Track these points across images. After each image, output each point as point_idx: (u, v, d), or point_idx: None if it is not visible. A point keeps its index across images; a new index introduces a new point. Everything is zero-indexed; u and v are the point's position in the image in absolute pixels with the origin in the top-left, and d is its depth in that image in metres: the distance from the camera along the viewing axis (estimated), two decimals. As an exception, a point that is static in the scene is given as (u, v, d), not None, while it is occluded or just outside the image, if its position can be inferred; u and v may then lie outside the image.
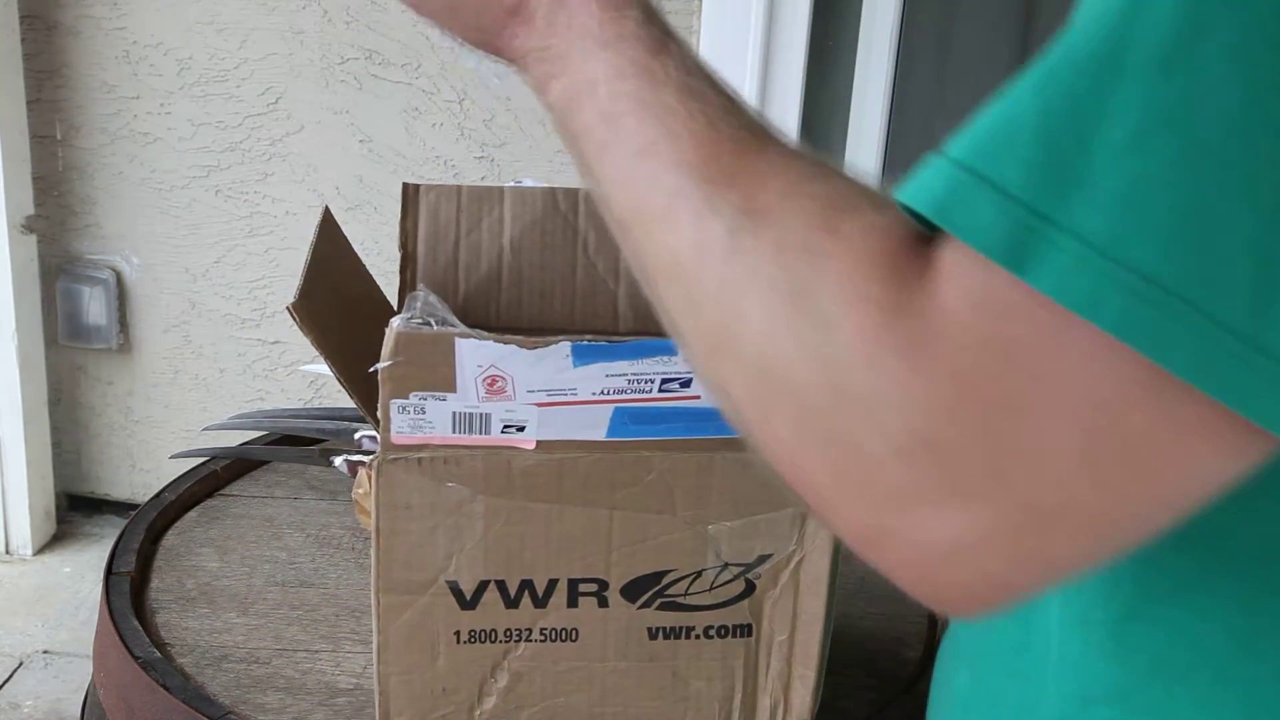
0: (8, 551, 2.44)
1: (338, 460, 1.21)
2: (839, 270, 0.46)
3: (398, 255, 0.95)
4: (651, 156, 0.53)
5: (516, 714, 0.87)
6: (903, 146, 2.30)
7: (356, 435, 1.24)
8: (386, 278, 2.02)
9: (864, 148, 2.22)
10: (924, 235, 0.45)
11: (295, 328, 0.82)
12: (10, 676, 2.14)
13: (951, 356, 0.43)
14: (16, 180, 2.28)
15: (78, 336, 2.43)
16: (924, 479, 0.44)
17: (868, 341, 0.44)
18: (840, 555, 0.86)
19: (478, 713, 0.86)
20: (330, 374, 0.86)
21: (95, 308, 2.40)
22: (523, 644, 0.85)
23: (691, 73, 0.55)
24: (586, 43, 0.57)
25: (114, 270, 2.39)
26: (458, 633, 0.84)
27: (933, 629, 1.06)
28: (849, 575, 1.13)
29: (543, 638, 0.85)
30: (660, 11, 0.59)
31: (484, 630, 0.84)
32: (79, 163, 2.34)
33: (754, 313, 0.48)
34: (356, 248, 1.02)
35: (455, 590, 0.83)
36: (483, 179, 2.23)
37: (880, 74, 2.17)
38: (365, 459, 1.21)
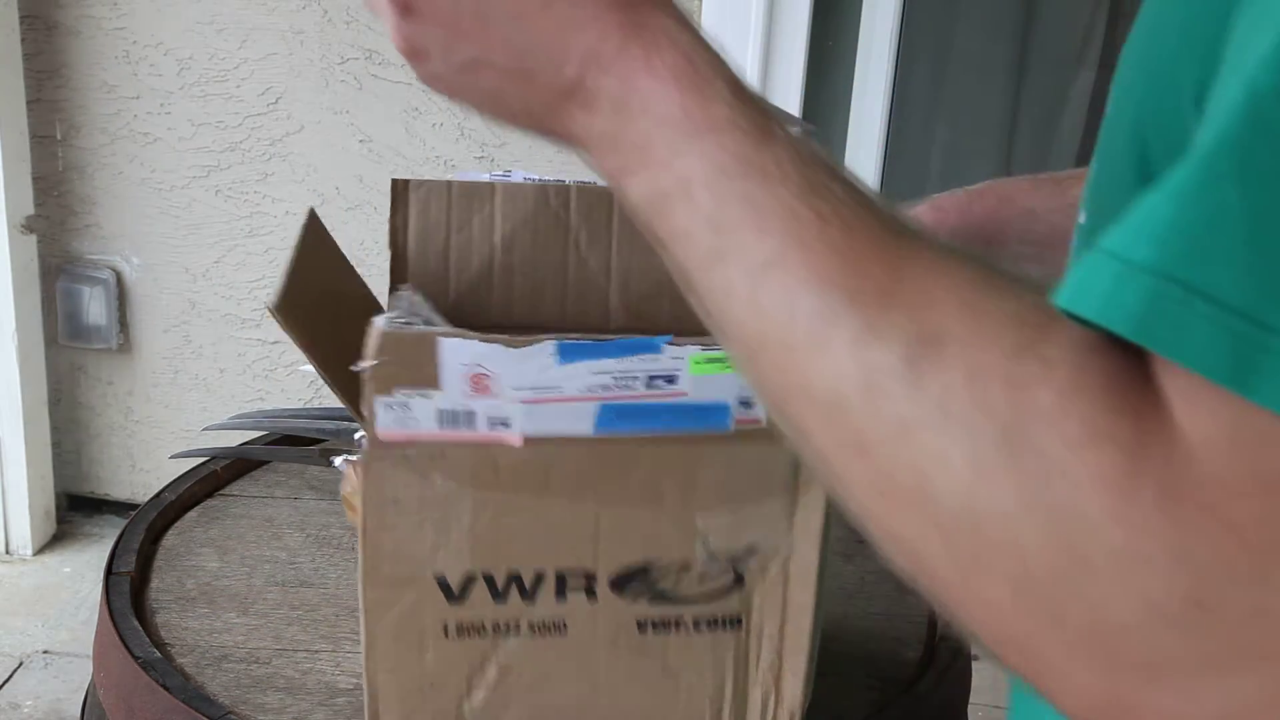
0: (8, 551, 2.44)
1: (338, 460, 1.21)
2: (1056, 404, 0.39)
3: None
4: (780, 272, 0.46)
5: (505, 708, 0.87)
6: (903, 146, 2.30)
7: (356, 435, 1.24)
8: (386, 277, 2.02)
9: (864, 148, 2.22)
10: (1126, 349, 0.40)
11: (289, 327, 0.82)
12: (10, 676, 2.14)
13: (1218, 503, 0.37)
14: (16, 180, 2.28)
15: (78, 336, 2.43)
16: (1193, 646, 0.38)
17: (1113, 491, 0.38)
18: (829, 548, 0.86)
19: (466, 707, 0.86)
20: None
21: (95, 308, 2.40)
22: (511, 637, 0.85)
23: (806, 162, 0.48)
24: (670, 134, 0.49)
25: (114, 270, 2.39)
26: (445, 626, 0.84)
27: (933, 629, 1.06)
28: (849, 575, 1.13)
29: (531, 631, 0.85)
30: (747, 83, 0.51)
31: (472, 624, 0.84)
32: (79, 163, 2.34)
33: (952, 459, 0.41)
34: (356, 248, 1.03)
35: (443, 584, 0.83)
36: (483, 179, 2.23)
37: (880, 74, 2.17)
38: (365, 459, 1.21)
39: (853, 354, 0.43)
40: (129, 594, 1.04)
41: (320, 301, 0.90)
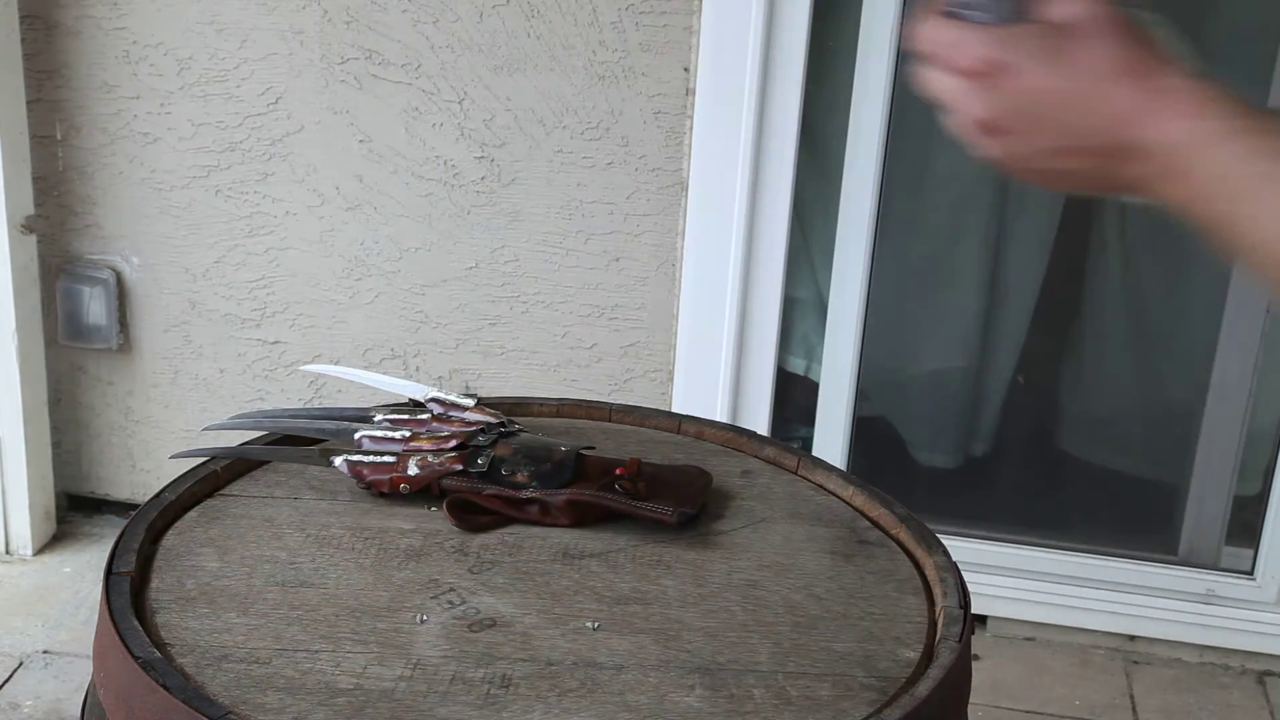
0: (8, 551, 2.44)
1: (338, 460, 1.21)
2: None
3: (398, 255, 0.94)
4: None
5: None
6: (903, 146, 2.30)
7: (356, 435, 1.24)
8: (387, 278, 2.02)
9: (864, 148, 2.22)
10: None
11: (295, 327, 0.81)
12: (10, 676, 2.14)
13: None
14: (16, 180, 2.28)
15: (78, 336, 2.43)
16: None
17: None
18: None
19: None
20: (330, 375, 0.85)
21: (95, 308, 2.40)
22: None
23: None
24: (1186, 157, 0.68)
25: (114, 270, 2.39)
26: None
27: (933, 629, 1.06)
28: (849, 575, 1.13)
29: None
30: (1238, 99, 0.68)
31: None
32: (79, 163, 2.34)
33: None
34: (357, 247, 1.02)
35: None
36: (482, 179, 2.23)
37: (880, 74, 2.17)
38: (365, 459, 1.21)
39: None
40: (129, 594, 1.04)
41: None
